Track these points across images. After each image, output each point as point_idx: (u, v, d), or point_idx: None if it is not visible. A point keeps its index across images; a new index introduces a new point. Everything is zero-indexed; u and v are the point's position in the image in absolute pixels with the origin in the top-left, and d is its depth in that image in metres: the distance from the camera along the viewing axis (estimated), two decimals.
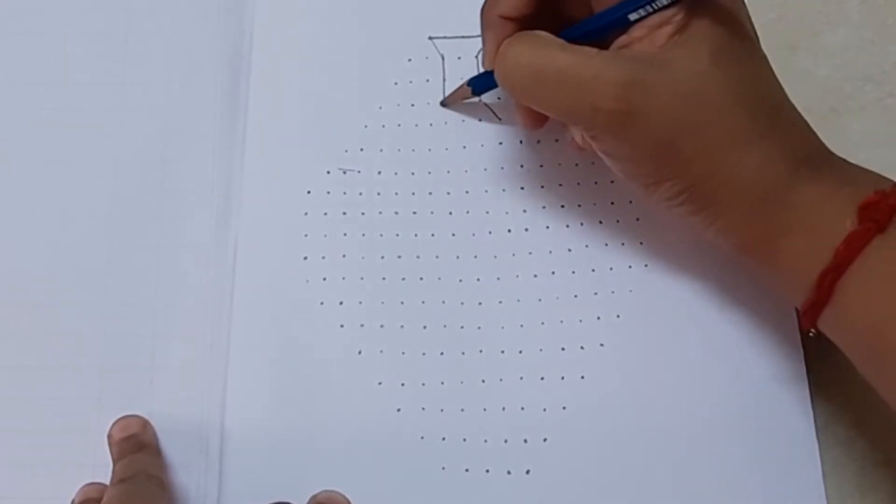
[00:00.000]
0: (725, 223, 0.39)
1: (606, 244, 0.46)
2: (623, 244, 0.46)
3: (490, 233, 0.46)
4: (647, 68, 0.37)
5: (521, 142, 0.48)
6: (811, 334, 0.39)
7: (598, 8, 0.40)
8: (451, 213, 0.47)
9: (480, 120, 0.48)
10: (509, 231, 0.46)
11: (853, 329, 0.37)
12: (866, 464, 0.43)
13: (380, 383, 0.44)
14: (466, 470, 0.43)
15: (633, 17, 0.38)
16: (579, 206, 0.46)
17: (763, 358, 0.44)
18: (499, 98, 0.48)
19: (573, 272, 0.45)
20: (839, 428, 0.43)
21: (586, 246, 0.46)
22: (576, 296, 0.45)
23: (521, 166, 0.47)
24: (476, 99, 0.47)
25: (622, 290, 0.45)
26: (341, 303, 0.45)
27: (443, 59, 0.49)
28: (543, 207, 0.46)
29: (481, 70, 0.46)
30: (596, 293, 0.45)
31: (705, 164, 0.38)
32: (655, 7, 0.38)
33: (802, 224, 0.37)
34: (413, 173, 0.47)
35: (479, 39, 0.49)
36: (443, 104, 0.48)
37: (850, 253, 0.36)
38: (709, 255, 0.45)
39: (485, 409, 0.43)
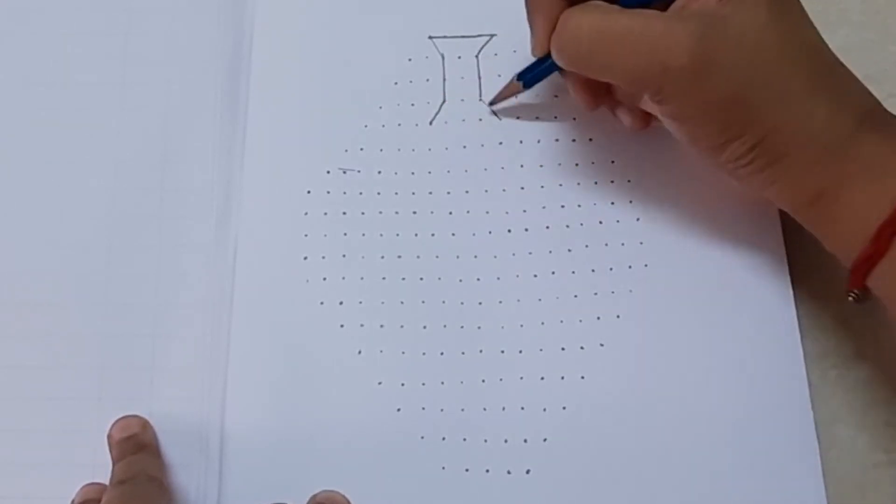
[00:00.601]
0: (790, 178, 0.39)
1: (606, 244, 0.46)
2: (623, 244, 0.46)
3: (490, 233, 0.46)
4: (712, 23, 0.38)
5: (520, 142, 0.48)
6: (851, 297, 0.39)
7: None
8: (451, 213, 0.47)
9: (480, 120, 0.48)
10: (509, 231, 0.46)
11: None
12: (866, 464, 0.43)
13: (380, 383, 0.44)
14: (466, 470, 0.43)
15: None
16: (579, 206, 0.46)
17: (763, 358, 0.44)
18: (556, 96, 0.47)
19: (573, 272, 0.45)
20: (839, 428, 0.43)
21: (586, 246, 0.46)
22: (576, 296, 0.45)
23: (522, 166, 0.47)
24: (527, 94, 0.47)
25: (622, 290, 0.45)
26: (341, 303, 0.45)
27: (443, 58, 0.49)
28: (543, 207, 0.46)
29: (527, 62, 0.45)
30: (596, 293, 0.45)
31: (773, 117, 0.38)
32: None
33: (865, 176, 0.38)
34: (413, 173, 0.47)
35: (479, 39, 0.50)
36: (491, 104, 0.48)
37: None
38: (708, 254, 0.45)
39: (485, 409, 0.43)
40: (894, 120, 0.39)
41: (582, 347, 0.44)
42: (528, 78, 0.45)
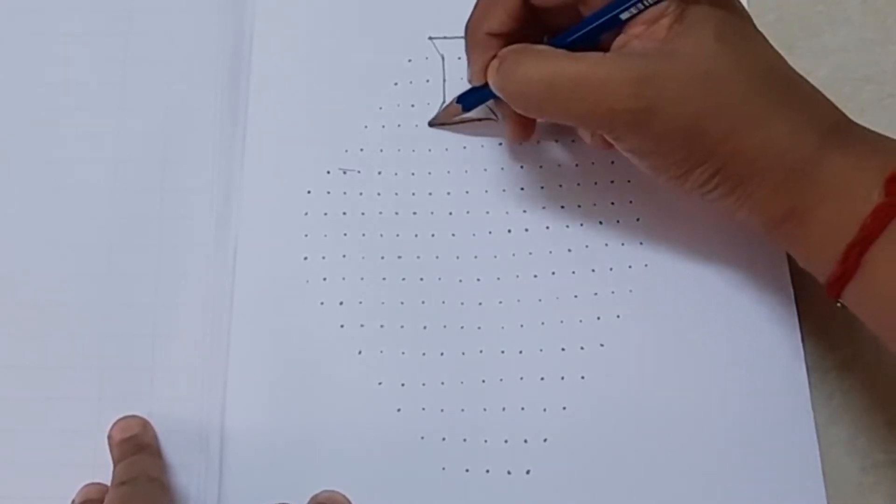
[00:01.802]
0: (756, 201, 0.39)
1: (606, 244, 0.46)
2: (623, 244, 0.46)
3: (490, 233, 0.46)
4: (656, 61, 0.38)
5: (520, 142, 0.48)
6: (839, 305, 0.39)
7: (586, 12, 0.40)
8: (451, 213, 0.47)
9: (480, 120, 0.48)
10: (509, 231, 0.46)
11: (878, 302, 0.37)
12: (866, 464, 0.43)
13: (380, 383, 0.44)
14: (466, 470, 0.43)
15: (624, 16, 0.39)
16: (579, 206, 0.46)
17: (763, 358, 0.44)
18: (493, 113, 0.48)
19: (573, 272, 0.45)
20: (839, 428, 0.43)
21: (586, 246, 0.46)
22: (576, 296, 0.45)
23: (521, 166, 0.47)
24: (466, 116, 0.47)
25: (622, 290, 0.45)
26: (341, 303, 0.45)
27: (443, 59, 0.49)
28: (543, 207, 0.46)
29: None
30: (596, 293, 0.45)
31: (734, 142, 0.38)
32: (647, 3, 0.38)
33: (830, 196, 0.37)
34: (413, 173, 0.47)
35: None
36: (431, 125, 0.48)
37: (877, 225, 0.36)
38: (709, 255, 0.45)
39: (485, 410, 0.43)
40: (859, 131, 0.39)
41: (582, 347, 0.44)
42: (466, 102, 0.46)
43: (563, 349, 0.44)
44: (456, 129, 0.48)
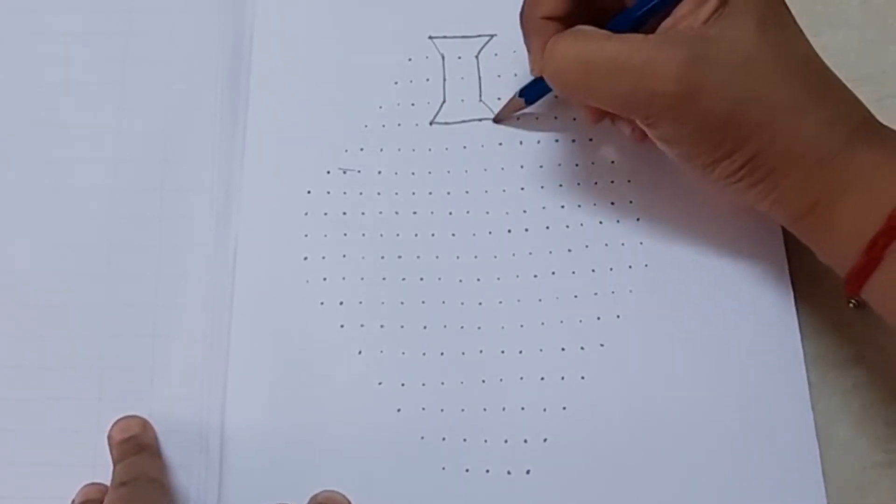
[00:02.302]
0: (782, 192, 0.39)
1: (606, 244, 0.46)
2: (623, 244, 0.46)
3: (490, 233, 0.46)
4: (698, 46, 0.37)
5: (520, 142, 0.48)
6: (852, 304, 0.39)
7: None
8: (451, 213, 0.47)
9: (480, 120, 0.48)
10: (509, 231, 0.46)
11: None
12: (866, 464, 0.43)
13: (380, 383, 0.44)
14: (466, 470, 0.43)
15: None
16: (579, 206, 0.46)
17: (763, 358, 0.44)
18: (555, 96, 0.47)
19: (573, 272, 0.45)
20: (839, 428, 0.43)
21: (586, 246, 0.46)
22: (576, 296, 0.45)
23: (521, 166, 0.47)
24: (530, 110, 0.47)
25: (622, 290, 0.45)
26: (341, 303, 0.45)
27: (443, 58, 0.49)
28: (543, 208, 0.46)
29: (528, 77, 0.45)
30: (596, 293, 0.45)
31: (766, 133, 0.38)
32: None
33: (857, 188, 0.37)
34: (413, 173, 0.47)
35: (479, 39, 0.50)
36: (496, 121, 0.48)
37: None
38: (708, 255, 0.45)
39: (485, 409, 0.43)
40: (886, 131, 0.39)
41: (582, 347, 0.44)
42: (528, 95, 0.46)
43: (563, 349, 0.44)
44: (456, 128, 0.48)
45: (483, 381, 0.44)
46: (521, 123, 0.48)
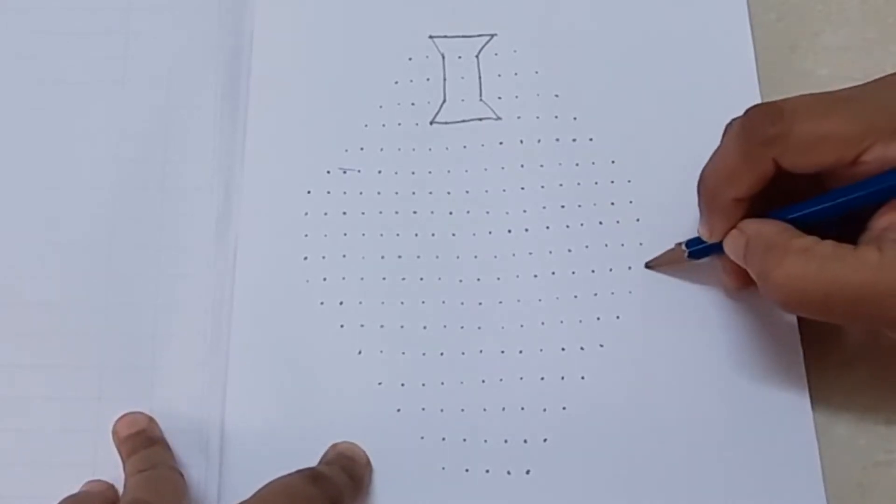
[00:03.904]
0: None
1: (606, 244, 0.46)
2: (623, 244, 0.46)
3: (490, 233, 0.46)
4: None
5: (521, 142, 0.48)
6: None
7: (832, 184, 0.38)
8: (451, 213, 0.47)
9: (481, 120, 0.48)
10: (509, 231, 0.46)
11: None
12: (866, 464, 0.43)
13: (380, 383, 0.44)
14: (466, 470, 0.43)
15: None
16: (579, 206, 0.46)
17: (762, 358, 0.44)
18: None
19: (573, 272, 0.45)
20: (839, 428, 0.43)
21: (586, 246, 0.46)
22: (576, 296, 0.45)
23: (522, 166, 0.47)
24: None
25: (622, 290, 0.45)
26: (341, 303, 0.45)
27: (443, 57, 0.49)
28: (543, 208, 0.46)
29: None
30: (596, 294, 0.45)
31: None
32: None
33: None
34: (413, 173, 0.47)
35: (480, 39, 0.50)
36: (648, 266, 0.45)
37: None
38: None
39: (485, 409, 0.43)
40: None
41: (582, 348, 0.44)
42: (697, 253, 0.43)
43: (563, 349, 0.44)
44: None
45: (483, 381, 0.44)
46: (518, 114, 0.48)
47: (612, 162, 0.47)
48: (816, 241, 0.37)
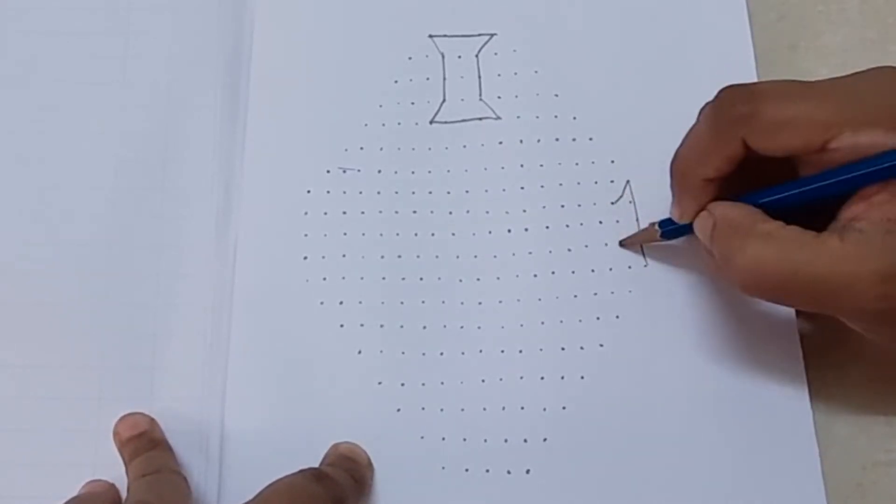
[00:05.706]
0: None
1: (606, 244, 0.46)
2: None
3: (490, 233, 0.46)
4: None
5: (521, 141, 0.48)
6: None
7: (804, 172, 0.38)
8: (450, 213, 0.47)
9: (480, 119, 0.48)
10: (509, 231, 0.46)
11: None
12: (866, 464, 0.43)
13: (380, 383, 0.44)
14: (466, 470, 0.43)
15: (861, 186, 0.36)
16: (579, 205, 0.46)
17: (762, 358, 0.44)
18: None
19: (573, 272, 0.45)
20: (839, 428, 0.43)
21: (586, 246, 0.46)
22: (576, 296, 0.45)
23: (522, 166, 0.47)
24: (661, 242, 0.45)
25: (622, 290, 0.45)
26: (341, 303, 0.45)
27: (443, 57, 0.49)
28: (543, 207, 0.46)
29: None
30: (595, 293, 0.45)
31: None
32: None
33: None
34: (413, 172, 0.47)
35: (480, 38, 0.50)
36: (622, 245, 0.46)
37: None
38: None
39: (485, 409, 0.43)
40: None
41: (582, 347, 0.44)
42: (669, 233, 0.43)
43: (562, 349, 0.44)
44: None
45: (483, 381, 0.44)
46: (518, 114, 0.48)
47: (612, 162, 0.47)
48: (781, 227, 0.37)
